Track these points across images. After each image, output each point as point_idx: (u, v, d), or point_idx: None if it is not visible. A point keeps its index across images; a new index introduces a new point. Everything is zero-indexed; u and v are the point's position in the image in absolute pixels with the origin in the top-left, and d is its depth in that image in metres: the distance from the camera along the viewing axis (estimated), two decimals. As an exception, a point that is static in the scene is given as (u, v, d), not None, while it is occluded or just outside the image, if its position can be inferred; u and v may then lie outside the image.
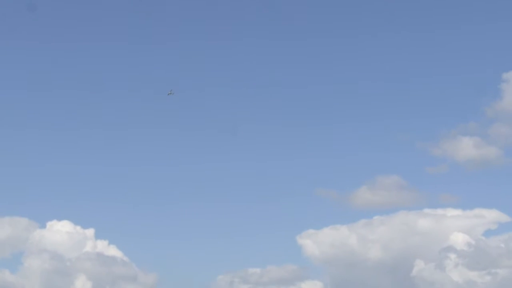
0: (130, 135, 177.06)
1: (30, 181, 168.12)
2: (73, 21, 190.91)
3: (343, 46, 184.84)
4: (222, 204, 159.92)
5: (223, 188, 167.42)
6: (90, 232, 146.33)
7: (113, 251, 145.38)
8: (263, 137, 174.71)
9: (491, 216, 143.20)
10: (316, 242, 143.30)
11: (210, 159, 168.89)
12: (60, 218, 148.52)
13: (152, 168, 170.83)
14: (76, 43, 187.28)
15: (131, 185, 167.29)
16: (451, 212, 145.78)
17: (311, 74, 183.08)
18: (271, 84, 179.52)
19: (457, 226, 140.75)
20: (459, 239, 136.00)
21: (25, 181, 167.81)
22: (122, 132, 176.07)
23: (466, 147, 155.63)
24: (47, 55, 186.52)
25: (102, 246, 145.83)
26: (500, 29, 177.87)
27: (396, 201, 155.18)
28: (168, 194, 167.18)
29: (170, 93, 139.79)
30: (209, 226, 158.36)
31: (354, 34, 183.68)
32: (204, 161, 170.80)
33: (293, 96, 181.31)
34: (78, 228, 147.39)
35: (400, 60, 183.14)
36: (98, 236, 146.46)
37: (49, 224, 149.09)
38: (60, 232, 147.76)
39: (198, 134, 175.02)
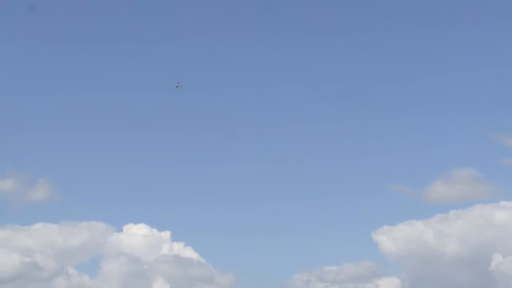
0: (204, 136, 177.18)
1: (106, 186, 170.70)
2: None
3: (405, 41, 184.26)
4: (297, 203, 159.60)
5: (299, 187, 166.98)
6: (166, 234, 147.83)
7: (189, 252, 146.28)
8: (336, 134, 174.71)
9: None
10: (392, 238, 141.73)
11: (285, 158, 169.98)
12: (136, 222, 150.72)
13: (226, 168, 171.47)
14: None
15: (206, 186, 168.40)
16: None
17: (377, 69, 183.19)
18: (337, 80, 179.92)
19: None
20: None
21: (101, 185, 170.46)
22: (196, 132, 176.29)
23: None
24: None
25: (179, 248, 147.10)
26: None
27: (472, 194, 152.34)
28: (243, 194, 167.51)
29: (178, 86, 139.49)
30: (285, 225, 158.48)
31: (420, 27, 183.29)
32: (280, 161, 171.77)
33: (365, 91, 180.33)
34: (155, 231, 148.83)
35: (470, 52, 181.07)
36: (174, 238, 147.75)
37: (125, 227, 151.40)
38: (137, 235, 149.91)
39: (274, 133, 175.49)
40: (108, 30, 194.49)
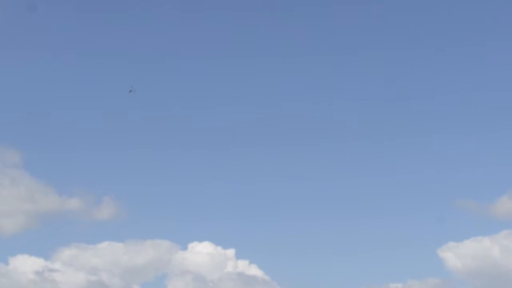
0: (267, 152, 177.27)
1: (171, 203, 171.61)
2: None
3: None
4: (362, 220, 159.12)
5: (362, 203, 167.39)
6: (231, 252, 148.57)
7: (254, 270, 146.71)
8: (401, 149, 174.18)
9: None
10: (458, 254, 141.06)
11: (347, 174, 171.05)
12: (201, 240, 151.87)
13: (290, 184, 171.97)
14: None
15: (271, 203, 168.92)
16: None
17: (448, 79, 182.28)
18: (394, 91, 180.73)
19: None
20: None
21: (166, 203, 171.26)
22: (258, 149, 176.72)
23: None
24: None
25: (243, 265, 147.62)
26: None
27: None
28: (308, 210, 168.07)
29: (131, 90, 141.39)
30: (350, 241, 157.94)
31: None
32: (340, 176, 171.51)
33: (430, 105, 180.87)
34: (219, 248, 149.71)
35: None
36: (239, 256, 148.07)
37: (190, 245, 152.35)
38: (201, 253, 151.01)
39: (338, 149, 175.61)
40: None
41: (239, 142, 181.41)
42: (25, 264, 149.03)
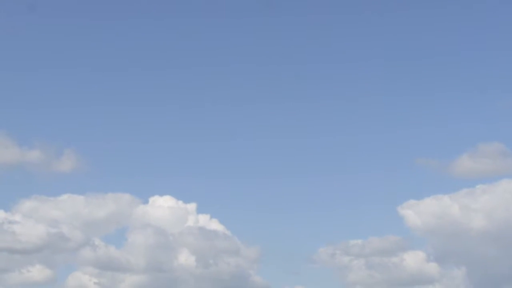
0: (231, 110, 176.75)
1: (132, 157, 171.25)
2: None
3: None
4: (323, 177, 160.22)
5: (324, 160, 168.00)
6: (192, 206, 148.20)
7: (215, 225, 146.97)
8: (362, 109, 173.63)
9: None
10: (418, 212, 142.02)
11: (311, 132, 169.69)
12: (162, 194, 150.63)
13: (251, 141, 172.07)
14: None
15: (233, 159, 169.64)
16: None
17: (401, 44, 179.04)
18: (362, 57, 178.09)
19: None
20: None
21: (127, 157, 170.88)
22: (224, 107, 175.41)
23: None
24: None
25: (204, 220, 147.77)
26: None
27: (499, 169, 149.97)
28: (269, 167, 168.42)
29: None
30: (310, 199, 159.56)
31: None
32: (305, 135, 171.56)
33: (392, 66, 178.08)
34: (180, 203, 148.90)
35: (492, 27, 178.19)
36: (200, 210, 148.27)
37: (151, 199, 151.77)
38: (162, 207, 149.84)
39: (300, 108, 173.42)
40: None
41: (204, 99, 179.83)
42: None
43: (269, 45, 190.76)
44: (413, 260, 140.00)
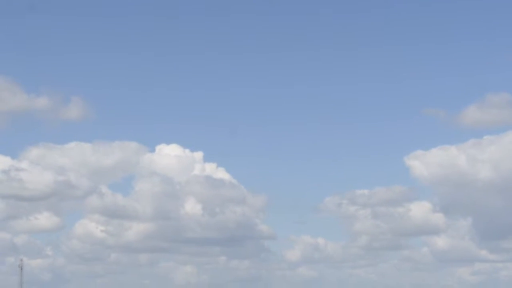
0: (235, 59, 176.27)
1: (139, 106, 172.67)
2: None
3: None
4: (330, 126, 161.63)
5: (332, 109, 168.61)
6: (199, 155, 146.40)
7: (221, 173, 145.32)
8: (372, 57, 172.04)
9: None
10: (424, 163, 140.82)
11: (323, 80, 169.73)
12: (169, 142, 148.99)
13: (259, 90, 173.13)
14: None
15: (239, 108, 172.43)
16: None
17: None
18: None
19: None
20: None
21: (135, 105, 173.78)
22: (227, 56, 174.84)
23: None
24: None
25: (211, 169, 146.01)
26: None
27: (506, 120, 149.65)
28: (275, 116, 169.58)
29: None
30: (317, 148, 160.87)
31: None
32: (309, 83, 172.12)
33: (400, 15, 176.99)
34: (187, 151, 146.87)
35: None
36: (206, 159, 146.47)
37: (158, 147, 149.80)
38: (169, 155, 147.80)
39: (308, 55, 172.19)
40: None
41: (209, 48, 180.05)
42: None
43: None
44: (419, 210, 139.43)
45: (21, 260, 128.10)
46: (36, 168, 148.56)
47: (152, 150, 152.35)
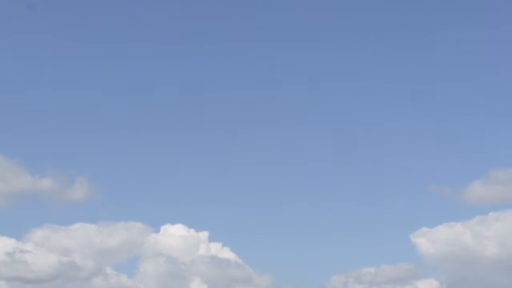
0: (245, 137, 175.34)
1: (144, 186, 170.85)
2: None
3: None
4: (335, 204, 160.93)
5: (336, 188, 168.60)
6: (204, 235, 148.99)
7: (227, 253, 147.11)
8: (374, 136, 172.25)
9: None
10: (431, 240, 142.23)
11: (323, 160, 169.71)
12: (173, 222, 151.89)
13: (264, 169, 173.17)
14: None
15: (243, 187, 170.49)
16: None
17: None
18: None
19: None
20: None
21: (139, 185, 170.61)
22: (238, 133, 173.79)
23: None
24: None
25: (216, 248, 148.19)
26: None
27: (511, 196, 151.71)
28: (281, 195, 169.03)
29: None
30: (323, 227, 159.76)
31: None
32: (317, 162, 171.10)
33: (404, 91, 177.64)
34: (192, 231, 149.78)
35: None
36: (212, 239, 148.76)
37: (163, 228, 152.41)
38: (174, 235, 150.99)
39: (309, 135, 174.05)
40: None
41: (211, 125, 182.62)
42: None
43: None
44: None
45: None
46: (41, 249, 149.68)
47: (157, 231, 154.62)
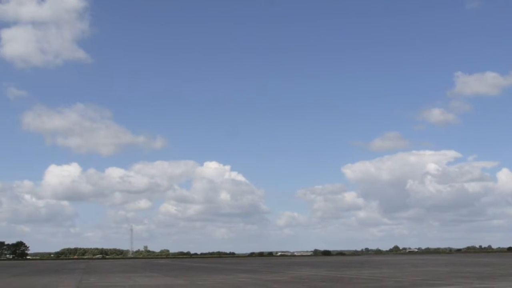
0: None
1: (193, 139, 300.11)
2: None
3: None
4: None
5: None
6: (228, 167, 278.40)
7: (240, 177, 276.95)
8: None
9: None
10: (352, 170, 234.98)
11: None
12: (211, 160, 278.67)
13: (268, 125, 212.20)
14: None
15: (251, 141, 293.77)
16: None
17: None
18: None
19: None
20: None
21: (191, 139, 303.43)
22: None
23: None
24: None
25: (234, 175, 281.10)
26: None
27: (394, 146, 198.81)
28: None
29: None
30: (293, 151, 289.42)
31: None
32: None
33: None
34: (221, 165, 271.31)
35: None
36: (232, 169, 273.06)
37: (205, 163, 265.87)
38: (211, 167, 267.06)
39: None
40: None
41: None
42: (115, 173, 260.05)
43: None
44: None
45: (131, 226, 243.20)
46: (138, 175, 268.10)
47: (202, 165, 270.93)
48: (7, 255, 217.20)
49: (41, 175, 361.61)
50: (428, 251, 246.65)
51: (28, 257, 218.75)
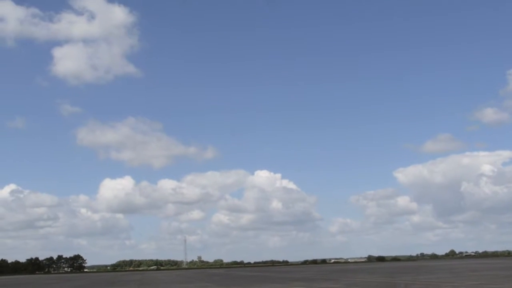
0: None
1: (243, 149, 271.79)
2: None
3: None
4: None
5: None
6: (279, 175, 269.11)
7: (291, 185, 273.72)
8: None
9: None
10: (405, 174, 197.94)
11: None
12: (261, 168, 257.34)
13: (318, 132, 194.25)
14: None
15: (300, 152, 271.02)
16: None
17: None
18: None
19: None
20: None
21: (240, 149, 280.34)
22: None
23: None
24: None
25: (285, 182, 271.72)
26: None
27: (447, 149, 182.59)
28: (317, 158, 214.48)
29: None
30: (339, 160, 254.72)
31: None
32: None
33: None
34: (272, 173, 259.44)
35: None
36: (283, 177, 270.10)
37: (256, 172, 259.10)
38: (262, 176, 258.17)
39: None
40: None
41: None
42: (167, 184, 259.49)
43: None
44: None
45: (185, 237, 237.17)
46: (189, 186, 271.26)
47: (253, 174, 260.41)
48: (65, 268, 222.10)
49: (96, 189, 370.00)
50: (485, 255, 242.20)
51: (85, 269, 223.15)
